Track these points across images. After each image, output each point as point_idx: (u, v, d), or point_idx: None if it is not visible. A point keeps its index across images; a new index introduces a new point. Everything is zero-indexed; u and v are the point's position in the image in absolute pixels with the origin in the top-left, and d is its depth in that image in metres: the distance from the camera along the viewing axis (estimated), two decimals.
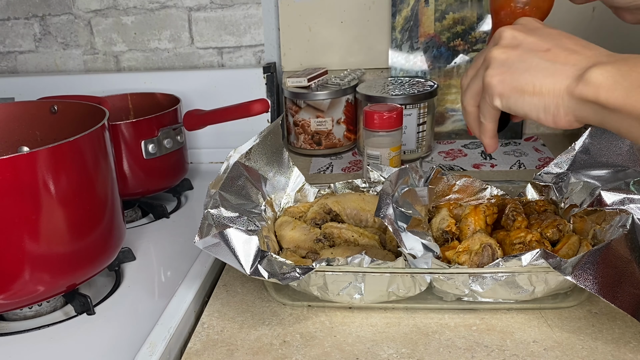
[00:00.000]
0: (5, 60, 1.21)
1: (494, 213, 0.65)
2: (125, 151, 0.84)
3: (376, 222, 0.68)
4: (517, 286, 0.54)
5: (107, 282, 0.71)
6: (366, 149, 0.84)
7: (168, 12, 1.13)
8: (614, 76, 0.43)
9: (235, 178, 0.65)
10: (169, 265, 0.73)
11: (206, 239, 0.54)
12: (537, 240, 0.59)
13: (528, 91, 0.47)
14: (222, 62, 1.15)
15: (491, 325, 0.55)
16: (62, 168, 0.57)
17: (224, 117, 0.86)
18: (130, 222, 0.87)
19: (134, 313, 0.63)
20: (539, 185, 0.71)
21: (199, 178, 1.02)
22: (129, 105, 1.00)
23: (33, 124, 0.74)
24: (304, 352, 0.53)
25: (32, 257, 0.57)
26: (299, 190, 0.74)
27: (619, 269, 0.48)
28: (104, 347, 0.58)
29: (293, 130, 1.06)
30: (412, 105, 0.95)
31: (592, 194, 0.61)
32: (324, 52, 1.12)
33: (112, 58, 1.18)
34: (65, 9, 1.15)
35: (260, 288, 0.63)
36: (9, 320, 0.64)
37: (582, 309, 0.57)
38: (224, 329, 0.57)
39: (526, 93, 0.47)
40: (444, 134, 1.10)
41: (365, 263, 0.54)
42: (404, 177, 0.63)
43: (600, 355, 0.51)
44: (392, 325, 0.56)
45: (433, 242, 0.55)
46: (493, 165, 0.96)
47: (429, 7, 1.05)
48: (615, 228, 0.56)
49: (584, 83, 0.44)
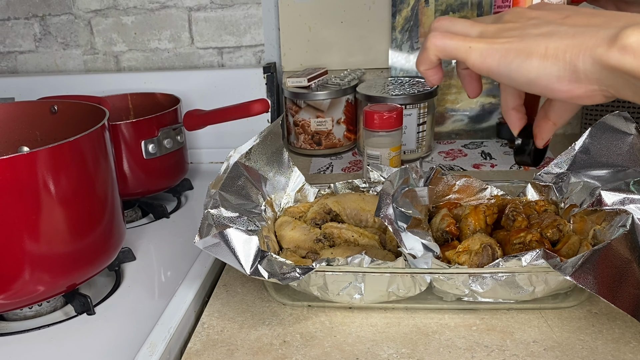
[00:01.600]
0: (5, 60, 1.21)
1: (494, 213, 0.65)
2: (125, 151, 0.84)
3: (376, 222, 0.68)
4: (517, 286, 0.54)
5: (107, 282, 0.71)
6: (366, 149, 0.84)
7: (168, 12, 1.13)
8: None
9: (235, 178, 0.65)
10: (169, 265, 0.73)
11: (206, 239, 0.54)
12: (537, 240, 0.59)
13: (538, 53, 0.39)
14: (222, 62, 1.15)
15: (491, 325, 0.55)
16: (62, 168, 0.57)
17: (224, 117, 0.86)
18: (130, 222, 0.87)
19: (134, 313, 0.63)
20: (539, 185, 0.71)
21: (199, 178, 1.02)
22: (129, 105, 1.00)
23: (33, 124, 0.74)
24: (304, 352, 0.53)
25: (32, 257, 0.57)
26: (299, 190, 0.74)
27: (619, 269, 0.48)
28: (104, 347, 0.58)
29: (293, 130, 1.06)
30: (412, 105, 0.95)
31: (592, 194, 0.61)
32: (324, 52, 1.12)
33: (112, 58, 1.18)
34: (65, 9, 1.15)
35: (260, 288, 0.63)
36: (9, 320, 0.64)
37: (582, 309, 0.57)
38: (224, 329, 0.57)
39: (534, 55, 0.39)
40: (444, 134, 1.10)
41: (365, 263, 0.54)
42: (404, 177, 0.63)
43: (600, 355, 0.51)
44: (392, 325, 0.56)
45: (433, 242, 0.55)
46: (493, 165, 0.96)
47: (429, 7, 1.05)
48: (615, 228, 0.56)
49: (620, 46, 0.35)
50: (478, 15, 1.04)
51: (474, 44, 0.42)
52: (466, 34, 0.44)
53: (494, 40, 0.42)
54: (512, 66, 0.40)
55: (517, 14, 0.43)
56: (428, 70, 0.47)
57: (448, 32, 0.44)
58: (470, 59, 0.42)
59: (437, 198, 0.69)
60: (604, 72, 0.37)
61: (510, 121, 0.49)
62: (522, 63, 0.40)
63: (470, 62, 0.42)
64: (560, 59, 0.38)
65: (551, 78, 0.39)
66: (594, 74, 0.37)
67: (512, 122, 0.49)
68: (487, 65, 0.42)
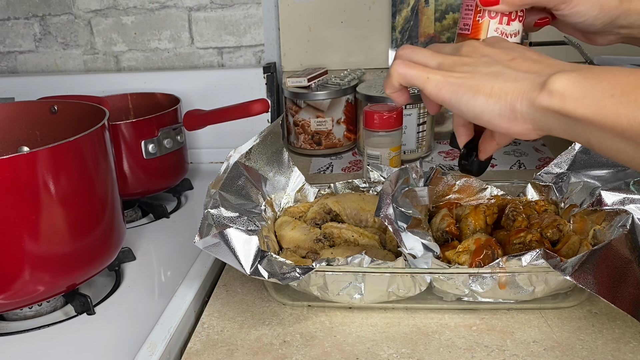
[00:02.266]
0: (5, 60, 1.21)
1: (494, 213, 0.65)
2: (125, 151, 0.84)
3: (376, 222, 0.68)
4: (517, 286, 0.54)
5: (107, 282, 0.71)
6: (366, 149, 0.84)
7: (168, 12, 1.13)
8: (581, 84, 0.40)
9: (235, 178, 0.65)
10: (169, 265, 0.73)
11: (206, 239, 0.54)
12: (537, 240, 0.59)
13: (484, 92, 0.44)
14: (222, 62, 1.15)
15: (491, 325, 0.55)
16: (62, 168, 0.57)
17: (224, 117, 0.86)
18: (130, 222, 0.87)
19: (134, 313, 0.63)
20: (539, 185, 0.71)
21: (199, 178, 1.02)
22: (129, 105, 1.00)
23: (33, 124, 0.74)
24: (304, 352, 0.53)
25: (32, 257, 0.57)
26: (299, 190, 0.74)
27: (619, 269, 0.48)
28: (104, 347, 0.58)
29: (293, 130, 1.06)
30: (412, 105, 0.95)
31: (592, 194, 0.61)
32: (324, 52, 1.12)
33: (112, 58, 1.18)
34: (65, 9, 1.15)
35: (260, 288, 0.63)
36: (9, 320, 0.64)
37: (582, 309, 0.57)
38: (224, 329, 0.57)
39: (481, 93, 0.44)
40: (444, 134, 1.10)
41: (365, 263, 0.54)
42: (404, 177, 0.63)
43: (600, 355, 0.51)
44: (392, 325, 0.56)
45: (433, 242, 0.55)
46: (493, 165, 0.96)
47: (429, 7, 1.05)
48: (615, 228, 0.56)
49: (548, 91, 0.41)
50: None
51: (432, 75, 0.47)
52: (426, 64, 0.48)
53: (448, 73, 0.47)
54: (462, 100, 0.45)
55: (473, 48, 0.48)
56: (394, 94, 0.52)
57: (410, 60, 0.49)
58: (427, 89, 0.47)
59: (437, 198, 0.69)
60: (537, 113, 0.42)
61: (458, 135, 0.55)
62: (470, 99, 0.45)
63: (427, 91, 0.47)
64: (502, 99, 0.44)
65: (493, 115, 0.44)
66: (529, 115, 0.43)
67: (459, 136, 0.55)
68: (441, 96, 0.47)
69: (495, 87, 0.44)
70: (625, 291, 0.47)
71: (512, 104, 0.43)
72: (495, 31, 0.53)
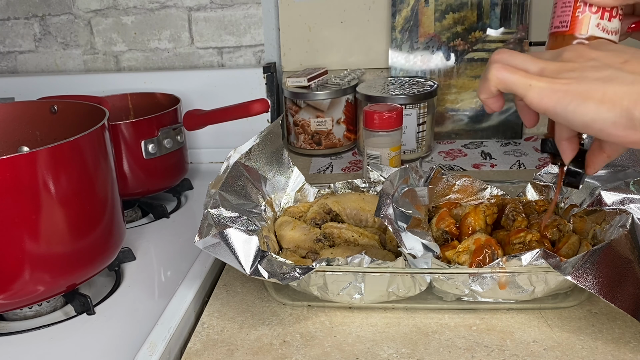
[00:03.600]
0: (5, 60, 1.21)
1: (494, 213, 0.65)
2: (125, 151, 0.84)
3: (376, 222, 0.68)
4: (517, 286, 0.54)
5: (107, 282, 0.71)
6: (366, 149, 0.84)
7: (168, 12, 1.13)
8: None
9: (235, 178, 0.65)
10: (169, 265, 0.73)
11: (206, 239, 0.54)
12: (537, 240, 0.59)
13: (595, 98, 0.40)
14: (222, 62, 1.15)
15: (491, 325, 0.55)
16: (62, 168, 0.57)
17: (224, 117, 0.86)
18: (130, 222, 0.87)
19: (134, 313, 0.63)
20: (539, 185, 0.71)
21: (199, 178, 1.02)
22: (129, 105, 1.00)
23: (33, 124, 0.74)
24: (304, 352, 0.53)
25: (32, 257, 0.57)
26: (299, 190, 0.74)
27: (619, 269, 0.48)
28: (104, 347, 0.58)
29: (293, 130, 1.06)
30: (412, 105, 0.95)
31: (592, 194, 0.62)
32: (324, 52, 1.12)
33: (112, 58, 1.18)
34: (65, 9, 1.15)
35: (260, 288, 0.63)
36: (9, 320, 0.64)
37: (582, 309, 0.57)
38: (224, 329, 0.57)
39: (591, 99, 0.40)
40: (444, 134, 1.10)
41: (365, 263, 0.54)
42: (404, 177, 0.63)
43: (600, 355, 0.51)
44: (392, 325, 0.56)
45: (433, 242, 0.55)
46: (493, 165, 0.96)
47: (429, 7, 1.05)
48: (615, 228, 0.56)
49: None
50: (477, 15, 1.04)
51: (534, 82, 0.43)
52: (526, 70, 0.44)
53: (553, 80, 0.42)
54: (568, 108, 0.41)
55: (577, 53, 0.43)
56: (488, 99, 0.47)
57: (509, 65, 0.45)
58: (529, 97, 0.43)
59: (437, 198, 0.69)
60: None
61: (563, 150, 0.50)
62: (579, 106, 0.40)
63: (528, 99, 0.43)
64: (617, 105, 0.39)
65: (606, 123, 0.40)
66: None
67: (564, 151, 0.50)
68: (544, 104, 0.42)
69: (609, 92, 0.40)
70: (625, 291, 0.47)
71: (628, 110, 0.39)
72: (597, 27, 0.49)
